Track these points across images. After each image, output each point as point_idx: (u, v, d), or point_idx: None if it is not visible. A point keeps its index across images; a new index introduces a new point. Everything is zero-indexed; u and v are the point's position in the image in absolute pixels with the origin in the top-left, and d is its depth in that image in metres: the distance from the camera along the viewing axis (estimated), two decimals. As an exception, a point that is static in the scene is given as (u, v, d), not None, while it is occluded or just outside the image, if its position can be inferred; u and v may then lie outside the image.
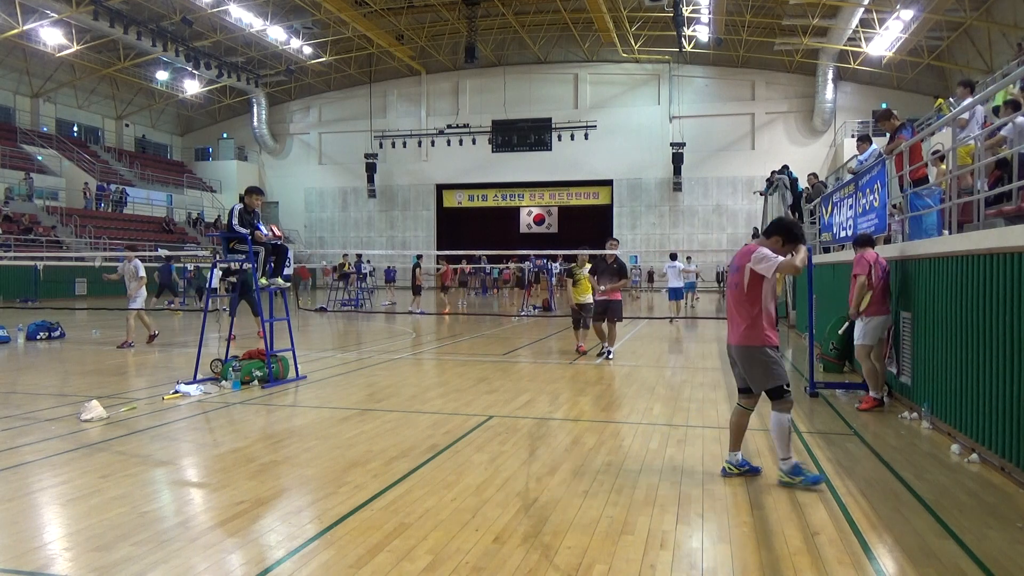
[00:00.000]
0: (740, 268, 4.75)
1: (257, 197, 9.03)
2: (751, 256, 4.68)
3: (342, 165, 47.31)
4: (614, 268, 11.18)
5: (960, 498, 4.38)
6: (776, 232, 4.85)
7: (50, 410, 7.00)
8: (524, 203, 45.83)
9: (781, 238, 4.80)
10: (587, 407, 7.37)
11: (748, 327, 4.71)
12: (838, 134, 38.74)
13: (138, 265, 12.98)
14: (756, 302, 4.70)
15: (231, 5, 33.73)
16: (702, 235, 42.27)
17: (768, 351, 4.69)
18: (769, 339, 4.69)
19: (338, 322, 19.28)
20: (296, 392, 8.24)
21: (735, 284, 4.78)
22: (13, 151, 35.59)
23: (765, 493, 4.50)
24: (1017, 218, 6.05)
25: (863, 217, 9.05)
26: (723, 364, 10.52)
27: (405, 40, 39.94)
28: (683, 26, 32.39)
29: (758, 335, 4.68)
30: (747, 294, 4.71)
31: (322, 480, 4.77)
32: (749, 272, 4.68)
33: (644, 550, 3.59)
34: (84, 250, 32.21)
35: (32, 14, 31.67)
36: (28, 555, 3.53)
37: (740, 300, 4.75)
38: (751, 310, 4.71)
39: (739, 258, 4.82)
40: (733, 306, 4.83)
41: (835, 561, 3.46)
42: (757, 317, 4.70)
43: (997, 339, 4.86)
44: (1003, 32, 27.98)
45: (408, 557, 3.50)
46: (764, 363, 4.68)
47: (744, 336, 4.73)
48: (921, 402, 6.49)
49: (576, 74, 43.54)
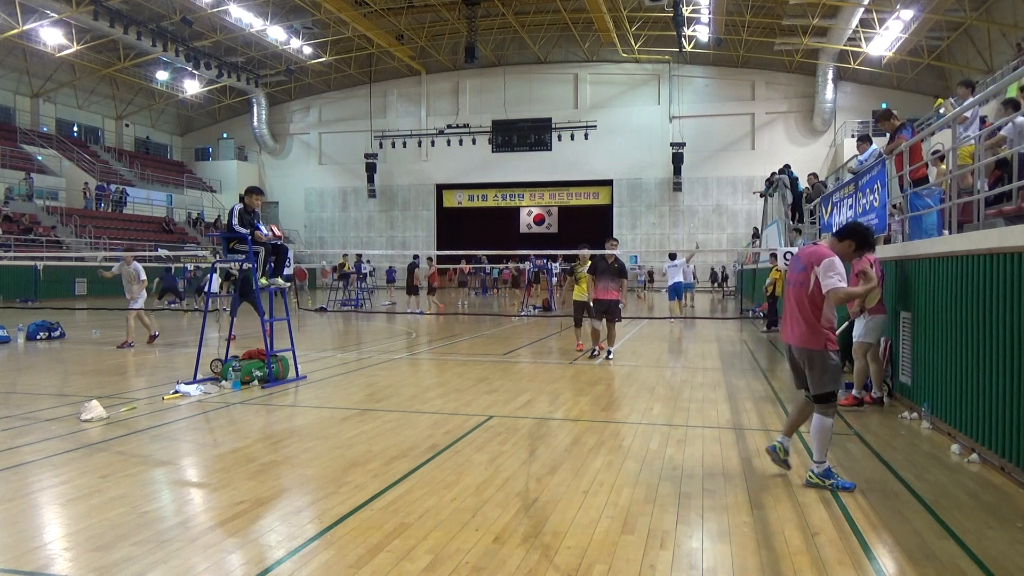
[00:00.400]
0: (808, 268, 4.62)
1: (257, 197, 9.02)
2: (822, 262, 4.55)
3: (342, 165, 47.31)
4: (614, 268, 11.18)
5: (960, 498, 4.38)
6: (850, 236, 4.75)
7: (50, 410, 7.00)
8: (524, 203, 45.84)
9: (854, 243, 4.72)
10: (587, 407, 7.37)
11: (809, 328, 4.61)
12: (838, 134, 38.75)
13: (138, 268, 13.01)
14: (819, 306, 4.59)
15: (231, 5, 33.73)
16: (702, 235, 42.26)
17: (832, 355, 4.61)
18: (832, 342, 4.62)
19: (338, 322, 19.28)
20: (296, 392, 8.24)
21: (800, 283, 4.65)
22: (13, 151, 35.59)
23: (765, 493, 4.50)
24: (1017, 218, 6.06)
25: (863, 217, 9.05)
26: (723, 364, 10.53)
27: (405, 40, 39.94)
28: (683, 26, 32.39)
29: (820, 338, 4.59)
30: (811, 296, 4.60)
31: (322, 480, 4.77)
32: (816, 275, 4.56)
33: (644, 550, 3.59)
34: (84, 250, 32.21)
35: (32, 14, 31.67)
36: (28, 555, 3.53)
37: (802, 300, 4.63)
38: (814, 312, 4.60)
39: (806, 257, 4.69)
40: (795, 304, 4.70)
41: (835, 561, 3.46)
42: (819, 319, 4.61)
43: (997, 339, 4.86)
44: (1003, 32, 27.98)
45: (408, 557, 3.50)
46: (827, 367, 4.60)
47: (806, 338, 4.62)
48: (921, 402, 6.49)
49: (576, 74, 43.55)
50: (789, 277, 4.88)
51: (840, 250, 4.71)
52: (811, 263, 4.61)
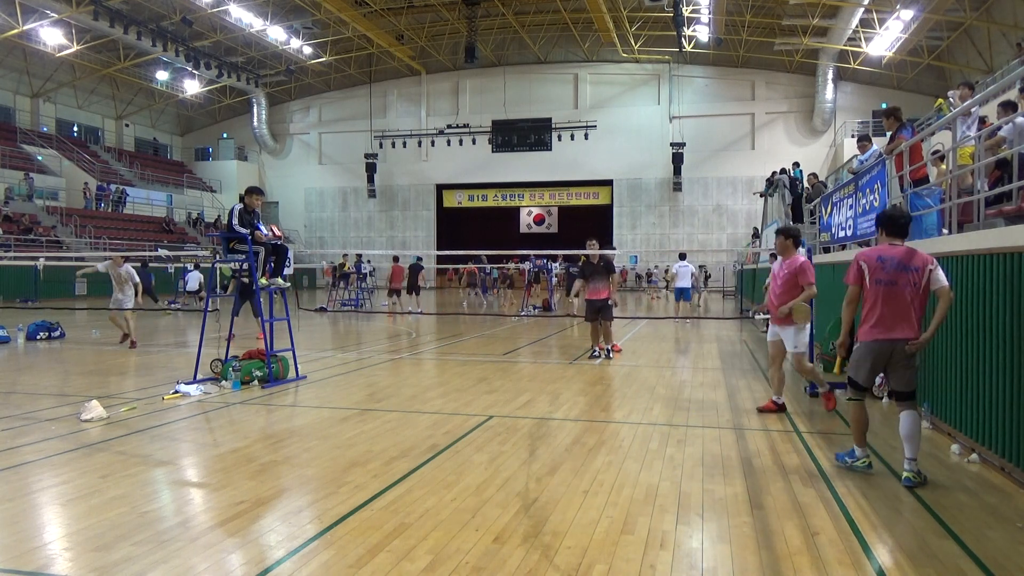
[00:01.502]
0: (920, 269, 4.73)
1: (257, 197, 9.02)
2: (934, 262, 4.77)
3: (342, 165, 47.33)
4: (601, 267, 11.17)
5: (960, 498, 4.38)
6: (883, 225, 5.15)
7: (50, 410, 7.00)
8: (524, 203, 45.85)
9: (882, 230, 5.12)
10: (587, 407, 7.37)
11: (919, 328, 4.77)
12: (838, 134, 38.76)
13: (130, 270, 13.14)
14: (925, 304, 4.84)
15: (231, 5, 33.74)
16: (702, 235, 42.28)
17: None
18: None
19: (338, 322, 19.28)
20: (296, 392, 8.24)
21: (914, 283, 4.73)
22: (13, 151, 35.60)
23: (765, 493, 4.50)
24: (1017, 218, 6.05)
25: (863, 217, 9.05)
26: (723, 364, 10.52)
27: (405, 40, 39.95)
28: (683, 26, 32.39)
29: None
30: (922, 297, 4.76)
31: (322, 480, 4.77)
32: (928, 275, 4.71)
33: (644, 550, 3.59)
34: (84, 250, 32.21)
35: (32, 14, 31.67)
36: (28, 555, 3.53)
37: (916, 299, 4.75)
38: (920, 313, 4.78)
39: (917, 259, 4.76)
40: (909, 302, 4.74)
41: (835, 561, 3.45)
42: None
43: (997, 339, 4.86)
44: (1003, 32, 27.98)
45: (408, 557, 3.50)
46: (916, 366, 4.90)
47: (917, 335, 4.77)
48: (921, 402, 6.48)
49: (576, 74, 43.56)
50: (883, 276, 4.80)
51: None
52: (925, 263, 4.74)
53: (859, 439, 5.01)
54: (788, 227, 7.13)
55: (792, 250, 6.77)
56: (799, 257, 6.75)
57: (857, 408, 5.02)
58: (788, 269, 6.75)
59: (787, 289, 6.70)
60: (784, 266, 6.84)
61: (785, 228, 7.04)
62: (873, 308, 4.80)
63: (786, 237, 6.83)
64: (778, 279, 6.83)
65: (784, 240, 6.85)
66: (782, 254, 6.89)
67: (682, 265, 19.63)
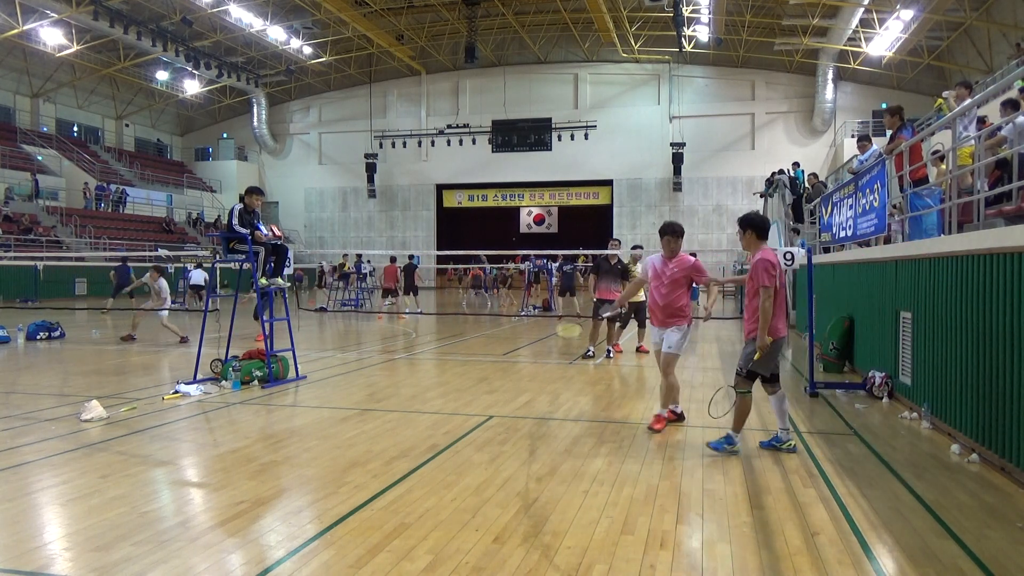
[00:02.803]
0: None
1: (257, 197, 9.02)
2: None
3: (342, 165, 47.31)
4: (617, 269, 11.20)
5: (960, 498, 4.38)
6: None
7: (50, 410, 7.00)
8: (524, 203, 45.82)
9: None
10: (587, 407, 7.37)
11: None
12: (838, 134, 38.74)
13: (163, 285, 14.02)
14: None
15: (231, 5, 33.72)
16: (702, 235, 42.26)
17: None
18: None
19: (338, 322, 19.28)
20: (296, 392, 8.24)
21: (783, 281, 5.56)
22: (13, 151, 35.59)
23: (765, 493, 4.50)
24: (1017, 218, 6.06)
25: (863, 217, 9.05)
26: (723, 364, 10.53)
27: (405, 40, 39.94)
28: (683, 26, 32.38)
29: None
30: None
31: (322, 480, 4.77)
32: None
33: (644, 550, 3.59)
34: (84, 250, 32.22)
35: (32, 14, 31.66)
36: (28, 555, 3.53)
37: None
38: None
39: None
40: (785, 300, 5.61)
41: (835, 561, 3.46)
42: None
43: (997, 339, 4.86)
44: (1003, 32, 27.98)
45: (408, 557, 3.50)
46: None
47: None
48: (921, 402, 6.49)
49: (576, 74, 43.54)
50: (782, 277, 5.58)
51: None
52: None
53: (739, 426, 5.52)
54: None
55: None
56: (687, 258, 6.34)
57: (749, 399, 5.52)
58: (679, 267, 6.21)
59: (673, 289, 6.18)
60: (674, 263, 6.24)
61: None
62: (780, 306, 5.41)
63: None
64: (664, 278, 6.21)
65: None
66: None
67: None
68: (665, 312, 6.25)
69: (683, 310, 6.24)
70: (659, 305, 6.28)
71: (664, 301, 6.23)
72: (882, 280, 7.98)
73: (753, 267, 5.45)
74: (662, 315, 6.28)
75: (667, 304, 6.23)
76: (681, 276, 6.22)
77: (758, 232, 5.61)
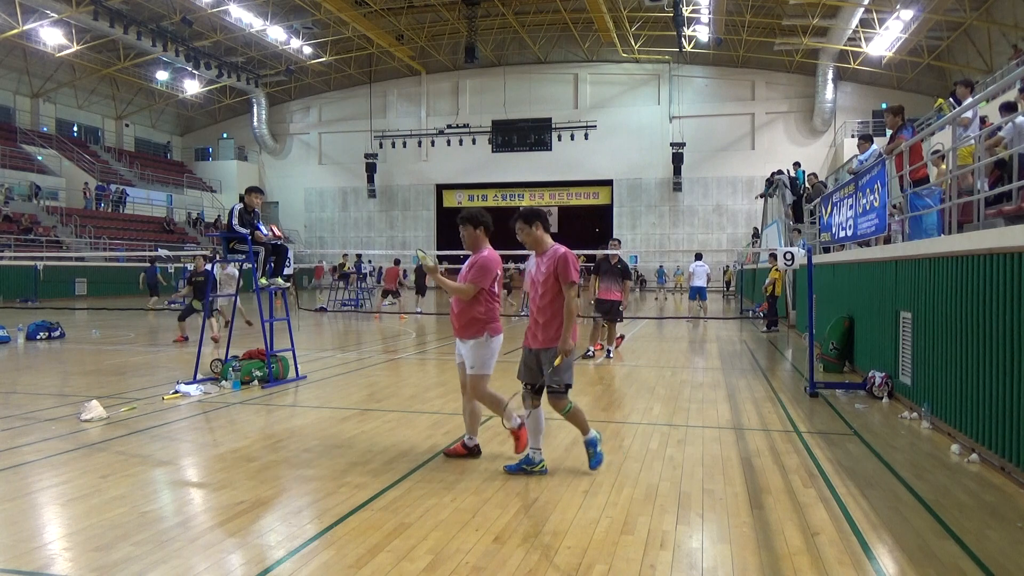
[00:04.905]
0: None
1: (257, 196, 9.01)
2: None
3: (342, 165, 47.32)
4: (617, 269, 11.20)
5: (960, 498, 4.38)
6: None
7: (50, 410, 7.00)
8: (524, 203, 45.77)
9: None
10: (587, 407, 7.35)
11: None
12: (838, 134, 38.75)
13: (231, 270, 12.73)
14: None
15: (231, 5, 33.73)
16: (702, 235, 42.27)
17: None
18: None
19: (338, 322, 19.27)
20: (296, 392, 8.24)
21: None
22: (13, 151, 35.58)
23: (765, 493, 4.50)
24: (1017, 218, 6.06)
25: (863, 217, 9.05)
26: (723, 364, 10.53)
27: (405, 40, 39.94)
28: (683, 26, 32.39)
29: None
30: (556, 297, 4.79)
31: (322, 480, 4.77)
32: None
33: (644, 550, 3.59)
34: (84, 250, 32.22)
35: (32, 14, 31.66)
36: (28, 555, 3.53)
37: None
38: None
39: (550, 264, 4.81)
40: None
41: (835, 561, 3.45)
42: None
43: (997, 339, 4.86)
44: (1003, 32, 27.98)
45: (408, 557, 3.50)
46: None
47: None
48: (921, 402, 6.48)
49: (576, 74, 43.55)
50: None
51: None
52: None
53: (586, 427, 4.94)
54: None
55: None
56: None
57: (576, 408, 4.94)
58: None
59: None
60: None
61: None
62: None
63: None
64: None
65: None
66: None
67: (699, 265, 19.77)
68: (460, 319, 5.12)
69: (484, 316, 5.09)
70: (454, 312, 5.16)
71: (459, 307, 5.12)
72: (882, 280, 7.99)
73: (553, 261, 4.73)
74: (457, 323, 5.14)
75: (461, 311, 5.10)
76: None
77: (545, 225, 5.01)
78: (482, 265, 5.15)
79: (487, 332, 5.10)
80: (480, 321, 5.07)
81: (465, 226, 5.33)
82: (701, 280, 19.67)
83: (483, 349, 5.11)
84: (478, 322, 5.07)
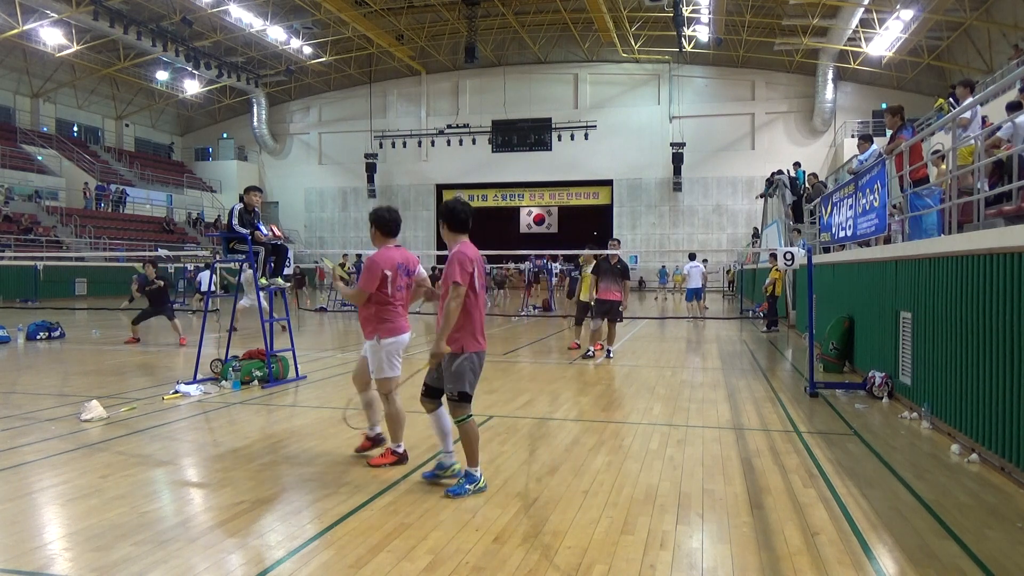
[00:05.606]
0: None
1: (256, 194, 9.03)
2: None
3: (342, 165, 47.32)
4: (617, 269, 11.20)
5: (960, 498, 4.38)
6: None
7: (50, 410, 7.00)
8: (524, 203, 45.83)
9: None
10: (587, 407, 7.37)
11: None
12: (838, 134, 38.75)
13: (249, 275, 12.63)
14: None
15: (231, 5, 33.73)
16: (702, 235, 42.27)
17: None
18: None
19: (338, 322, 19.28)
20: (296, 392, 8.24)
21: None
22: (13, 151, 35.59)
23: (765, 493, 4.50)
24: (1017, 218, 6.05)
25: (863, 217, 9.05)
26: (723, 364, 10.53)
27: (405, 40, 39.94)
28: (683, 26, 32.39)
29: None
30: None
31: (322, 480, 4.77)
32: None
33: (644, 550, 3.59)
34: (84, 250, 32.22)
35: (32, 14, 31.66)
36: (28, 555, 3.53)
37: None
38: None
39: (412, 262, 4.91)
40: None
41: (835, 561, 3.45)
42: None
43: (997, 339, 4.86)
44: (1003, 32, 27.97)
45: (408, 557, 3.50)
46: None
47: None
48: (921, 402, 6.48)
49: (576, 74, 43.55)
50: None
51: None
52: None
53: (475, 459, 4.48)
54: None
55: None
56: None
57: (471, 423, 4.46)
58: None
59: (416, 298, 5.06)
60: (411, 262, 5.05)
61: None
62: (474, 313, 4.43)
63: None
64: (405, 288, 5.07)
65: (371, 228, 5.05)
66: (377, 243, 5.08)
67: (693, 265, 19.67)
68: (360, 320, 5.13)
69: (374, 317, 4.97)
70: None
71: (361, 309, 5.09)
72: (882, 280, 7.99)
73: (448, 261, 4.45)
74: (362, 322, 5.11)
75: (359, 312, 5.10)
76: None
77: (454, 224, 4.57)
78: (366, 266, 5.01)
79: (377, 335, 4.97)
80: (370, 322, 4.99)
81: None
82: (696, 281, 19.61)
83: (377, 352, 5.02)
84: (369, 323, 5.00)
